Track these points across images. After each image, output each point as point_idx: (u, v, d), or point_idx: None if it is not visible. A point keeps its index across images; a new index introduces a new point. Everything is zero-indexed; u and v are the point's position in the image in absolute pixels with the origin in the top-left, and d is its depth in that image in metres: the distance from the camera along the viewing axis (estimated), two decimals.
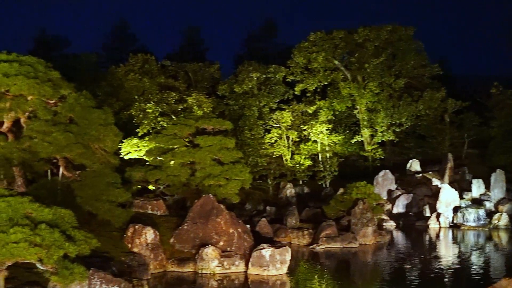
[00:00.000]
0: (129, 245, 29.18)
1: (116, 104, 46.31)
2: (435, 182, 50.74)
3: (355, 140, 57.11)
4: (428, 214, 47.58)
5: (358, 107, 57.03)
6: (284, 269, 29.31)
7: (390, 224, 45.25)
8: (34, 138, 28.11)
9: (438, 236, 44.01)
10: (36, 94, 28.02)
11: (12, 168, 28.73)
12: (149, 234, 29.35)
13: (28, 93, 27.90)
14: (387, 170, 51.28)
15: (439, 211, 46.77)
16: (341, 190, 43.21)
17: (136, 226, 29.51)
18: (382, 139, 57.02)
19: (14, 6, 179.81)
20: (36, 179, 31.05)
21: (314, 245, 37.08)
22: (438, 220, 46.14)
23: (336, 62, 57.10)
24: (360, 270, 33.81)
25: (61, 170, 30.36)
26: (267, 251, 29.35)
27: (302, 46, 56.46)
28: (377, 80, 55.84)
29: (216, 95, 54.88)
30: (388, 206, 48.17)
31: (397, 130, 57.26)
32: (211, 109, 47.40)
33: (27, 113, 28.75)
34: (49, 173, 31.59)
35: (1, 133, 29.24)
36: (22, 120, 29.04)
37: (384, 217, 45.15)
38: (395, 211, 48.96)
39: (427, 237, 43.56)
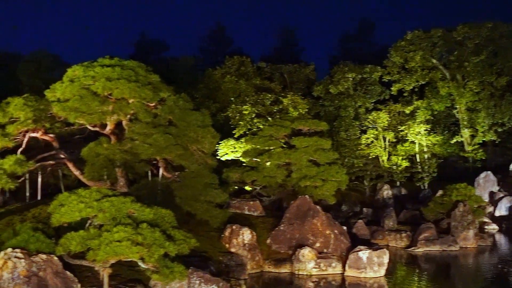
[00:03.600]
0: (227, 245, 29.56)
1: (213, 106, 47.05)
2: None
3: (454, 140, 55.56)
4: None
5: (457, 106, 55.47)
6: (382, 272, 28.87)
7: (492, 227, 43.69)
8: (135, 140, 28.94)
9: None
10: (137, 97, 28.83)
11: (115, 169, 29.66)
12: (246, 235, 29.62)
13: (129, 96, 28.75)
14: (489, 172, 49.63)
15: None
16: (440, 192, 42.17)
17: (234, 227, 29.85)
18: (483, 139, 55.22)
19: (116, 12, 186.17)
20: (137, 180, 31.95)
21: (413, 248, 36.34)
22: None
23: (434, 61, 55.77)
24: (461, 274, 32.76)
25: (161, 171, 31.12)
26: (364, 253, 29.00)
27: (399, 45, 55.49)
28: (478, 78, 54.15)
29: (312, 96, 54.76)
30: (490, 209, 46.58)
31: (499, 130, 55.29)
32: (306, 110, 47.34)
33: (128, 116, 29.65)
34: (149, 174, 32.46)
35: (104, 135, 30.31)
36: (124, 122, 29.96)
37: (486, 220, 43.66)
38: (497, 213, 47.32)
39: None
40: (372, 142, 51.59)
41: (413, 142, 52.11)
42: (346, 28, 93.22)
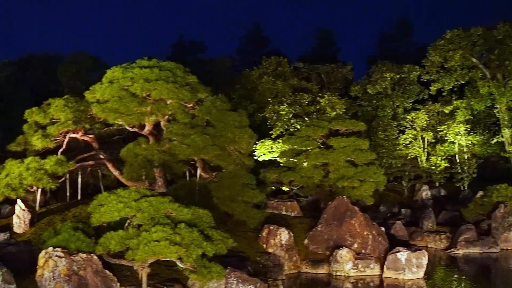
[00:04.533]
0: (264, 245, 29.59)
1: (250, 106, 47.12)
2: None
3: (495, 140, 54.55)
4: None
5: (498, 106, 54.44)
6: (421, 273, 28.58)
7: None
8: (173, 141, 29.18)
9: None
10: (175, 98, 29.09)
11: (153, 169, 29.94)
12: (284, 235, 29.61)
13: (167, 97, 29.01)
14: None
15: None
16: (480, 193, 41.54)
17: (271, 227, 29.87)
18: None
19: (154, 14, 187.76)
20: (175, 180, 32.22)
21: (452, 249, 35.91)
22: None
23: (474, 60, 54.88)
24: (502, 277, 32.22)
25: (198, 171, 31.34)
26: (402, 255, 28.76)
27: (438, 44, 54.75)
28: None
29: (349, 96, 54.44)
30: None
31: None
32: (344, 110, 47.09)
33: (166, 117, 29.93)
34: (187, 174, 32.69)
35: (143, 136, 30.64)
36: (162, 123, 30.25)
37: None
38: None
39: None
40: (410, 142, 51.09)
41: (452, 142, 51.44)
42: (384, 28, 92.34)
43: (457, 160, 51.24)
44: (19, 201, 28.14)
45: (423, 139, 51.62)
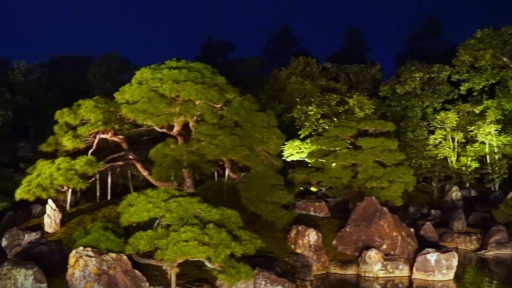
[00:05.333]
0: (292, 246, 29.57)
1: (278, 107, 47.13)
2: None
3: None
4: None
5: None
6: (451, 275, 28.33)
7: None
8: (202, 141, 29.31)
9: None
10: (203, 99, 29.22)
11: (182, 170, 30.09)
12: (312, 236, 29.56)
13: (196, 98, 29.16)
14: None
15: None
16: (511, 194, 41.03)
17: (299, 228, 29.84)
18: None
19: (182, 15, 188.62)
20: (203, 180, 32.34)
21: (483, 251, 35.50)
22: None
23: (505, 59, 54.22)
24: None
25: (227, 171, 31.40)
26: (432, 256, 28.52)
27: (468, 44, 54.20)
28: None
29: (378, 96, 54.13)
30: None
31: None
32: (372, 110, 46.86)
33: (195, 117, 30.07)
34: (215, 175, 32.79)
35: (171, 136, 30.83)
36: (190, 124, 30.41)
37: None
38: None
39: None
40: (440, 142, 50.60)
41: (483, 143, 50.84)
42: (413, 27, 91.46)
43: (488, 161, 50.65)
44: (50, 201, 28.51)
45: (453, 139, 51.10)
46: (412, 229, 32.80)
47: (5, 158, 49.08)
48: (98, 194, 34.98)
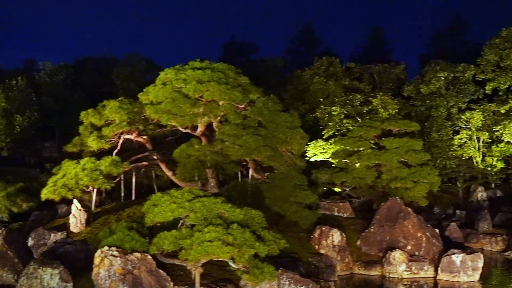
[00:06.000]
0: (316, 246, 29.53)
1: (301, 107, 47.08)
2: None
3: None
4: None
5: None
6: (476, 276, 28.09)
7: None
8: (225, 142, 29.34)
9: None
10: (227, 99, 29.26)
11: (206, 170, 30.17)
12: (336, 236, 29.49)
13: (219, 99, 29.22)
14: None
15: None
16: None
17: (323, 228, 29.79)
18: None
19: (205, 15, 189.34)
20: (227, 181, 32.38)
21: (509, 252, 35.16)
22: None
23: None
24: None
25: (250, 172, 31.41)
26: (457, 257, 28.31)
27: (494, 43, 53.68)
28: None
29: (402, 96, 53.77)
30: None
31: None
32: (396, 110, 46.55)
33: (218, 118, 30.13)
34: (239, 175, 32.82)
35: (195, 136, 30.92)
36: (214, 124, 30.47)
37: None
38: None
39: None
40: (465, 142, 50.16)
41: (509, 143, 50.28)
42: (438, 26, 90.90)
43: None
44: (75, 201, 28.76)
45: (478, 139, 50.62)
46: (437, 230, 32.55)
47: (31, 158, 49.73)
48: (122, 194, 35.19)
